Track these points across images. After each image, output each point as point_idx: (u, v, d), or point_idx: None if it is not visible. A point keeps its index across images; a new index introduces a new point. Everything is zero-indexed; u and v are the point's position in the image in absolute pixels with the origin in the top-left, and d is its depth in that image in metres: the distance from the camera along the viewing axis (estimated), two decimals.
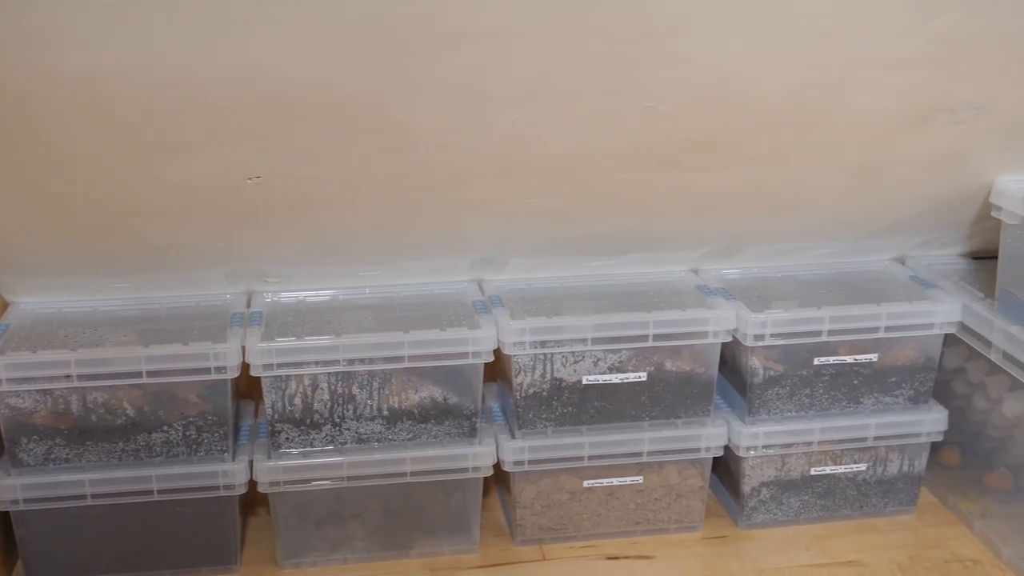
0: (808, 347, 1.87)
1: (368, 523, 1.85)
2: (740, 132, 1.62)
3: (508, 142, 1.58)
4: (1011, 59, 1.52)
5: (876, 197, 1.86)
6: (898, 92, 1.57)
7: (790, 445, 1.90)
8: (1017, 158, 1.80)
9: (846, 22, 1.41)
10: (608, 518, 1.91)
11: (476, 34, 1.35)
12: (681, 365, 1.85)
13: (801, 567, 1.85)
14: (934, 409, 1.95)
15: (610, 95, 1.50)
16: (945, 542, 1.93)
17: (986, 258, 2.09)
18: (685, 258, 2.01)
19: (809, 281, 2.03)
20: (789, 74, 1.50)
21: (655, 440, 1.86)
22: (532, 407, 1.83)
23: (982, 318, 1.86)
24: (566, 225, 1.83)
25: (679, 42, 1.41)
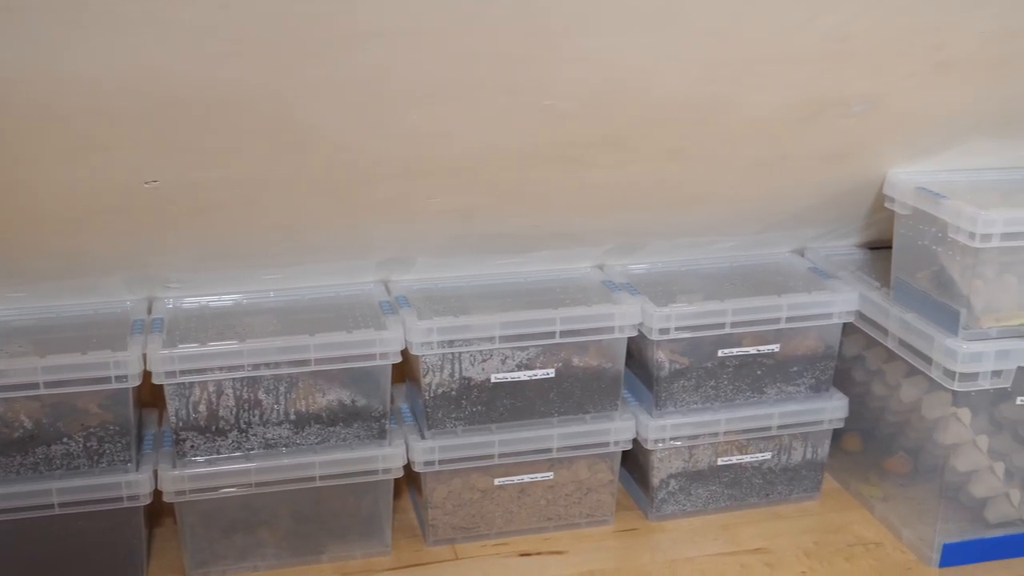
0: (712, 339, 1.90)
1: (278, 529, 1.83)
2: (639, 129, 1.64)
3: (410, 142, 1.57)
4: (900, 54, 1.57)
5: (774, 190, 1.90)
6: (792, 87, 1.60)
7: (697, 436, 1.93)
8: (908, 150, 1.85)
9: (740, 19, 1.44)
10: (520, 515, 1.92)
11: (375, 33, 1.34)
12: (588, 361, 1.87)
13: (710, 556, 1.88)
14: (835, 397, 2.00)
15: (509, 94, 1.50)
16: (848, 526, 1.98)
17: (881, 248, 2.15)
18: (590, 254, 2.02)
19: (712, 274, 2.07)
20: (685, 71, 1.52)
21: (564, 436, 1.87)
22: (441, 407, 1.83)
23: (878, 307, 1.91)
24: (470, 224, 1.83)
25: (576, 41, 1.42)
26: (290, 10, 1.28)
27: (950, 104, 1.71)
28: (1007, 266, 1.74)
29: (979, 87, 1.68)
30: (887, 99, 1.67)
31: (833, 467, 2.12)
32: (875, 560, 1.88)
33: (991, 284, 1.74)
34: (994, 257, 1.73)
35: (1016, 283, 1.75)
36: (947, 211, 1.73)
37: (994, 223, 1.68)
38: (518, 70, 1.46)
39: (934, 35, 1.53)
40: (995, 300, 1.75)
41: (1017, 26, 1.55)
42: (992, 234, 1.68)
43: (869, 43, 1.53)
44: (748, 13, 1.42)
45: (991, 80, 1.67)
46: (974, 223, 1.68)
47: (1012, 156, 1.94)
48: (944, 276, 1.79)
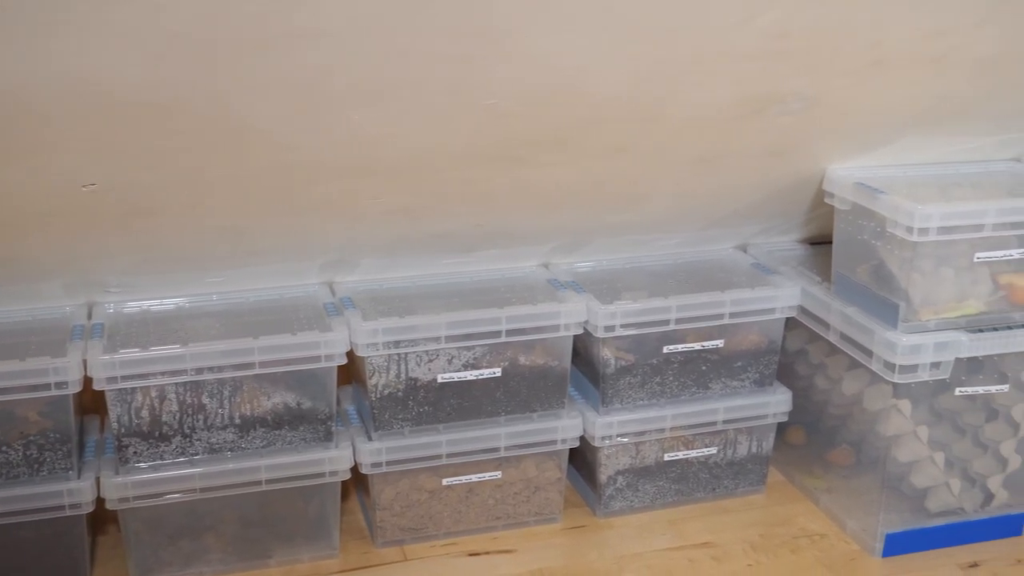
0: (657, 336, 1.91)
1: (224, 534, 1.81)
2: (581, 127, 1.64)
3: (352, 142, 1.57)
4: (836, 51, 1.59)
5: (716, 187, 1.91)
6: (731, 85, 1.61)
7: (643, 433, 1.94)
8: (847, 146, 1.88)
9: (679, 18, 1.44)
10: (468, 515, 1.92)
11: (316, 33, 1.33)
12: (535, 359, 1.87)
13: (658, 552, 1.89)
14: (779, 391, 2.02)
15: (452, 93, 1.50)
16: (793, 519, 2.00)
17: (822, 243, 2.18)
18: (535, 253, 2.03)
19: (656, 271, 2.08)
20: (626, 70, 1.53)
21: (512, 435, 1.87)
22: (388, 408, 1.82)
23: (820, 301, 1.93)
24: (414, 224, 1.82)
25: (518, 40, 1.42)
26: (228, 10, 1.27)
27: (887, 101, 1.74)
28: (944, 259, 1.77)
29: (915, 84, 1.71)
30: (825, 96, 1.69)
31: (778, 460, 2.14)
32: (820, 551, 1.90)
33: (929, 277, 1.77)
34: (931, 251, 1.76)
35: (953, 276, 1.78)
36: (885, 206, 1.76)
37: (931, 217, 1.70)
38: (460, 70, 1.46)
39: (870, 33, 1.55)
40: (933, 293, 1.78)
41: (951, 24, 1.58)
42: (929, 228, 1.71)
43: (806, 41, 1.55)
44: (687, 12, 1.43)
45: (927, 77, 1.70)
46: (911, 218, 1.71)
47: (948, 151, 1.97)
48: (883, 270, 1.81)
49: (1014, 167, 2.01)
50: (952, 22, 1.58)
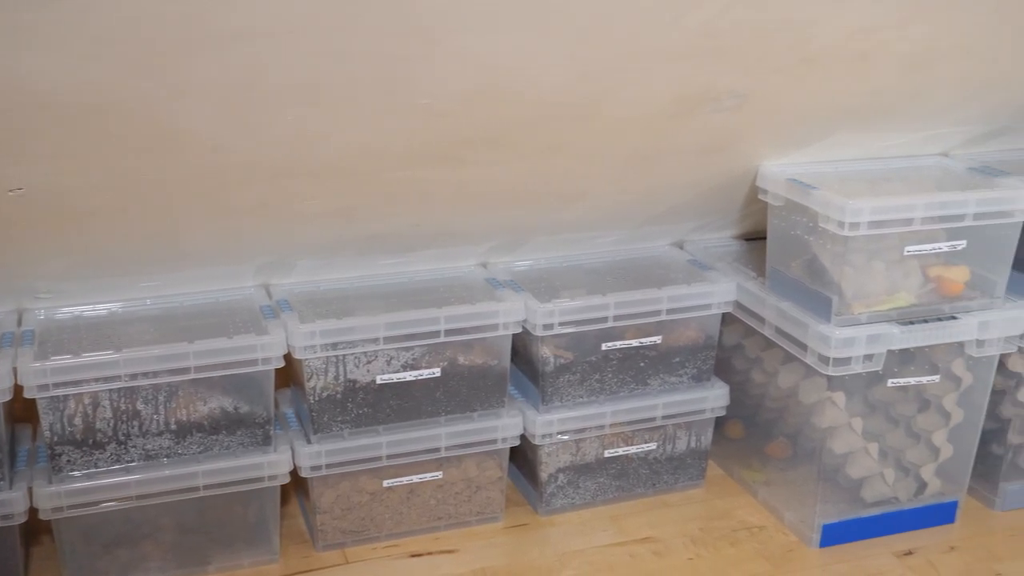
0: (596, 333, 1.92)
1: (162, 542, 1.78)
2: (517, 126, 1.64)
3: (286, 142, 1.55)
4: (766, 49, 1.60)
5: (652, 185, 1.93)
6: (665, 84, 1.62)
7: (583, 430, 1.95)
8: (779, 143, 1.90)
9: (612, 17, 1.45)
10: (410, 516, 1.91)
11: (246, 33, 1.32)
12: (474, 359, 1.87)
13: (599, 548, 1.90)
14: (716, 386, 2.04)
15: (386, 93, 1.49)
16: (733, 512, 2.02)
17: (757, 239, 2.20)
18: (473, 252, 2.03)
19: (594, 269, 2.09)
20: (560, 68, 1.53)
21: (452, 435, 1.87)
22: (327, 410, 1.81)
23: (755, 296, 1.96)
24: (351, 225, 1.81)
25: (452, 39, 1.42)
26: (158, 10, 1.25)
27: (818, 97, 1.76)
28: (874, 253, 1.80)
29: (844, 81, 1.73)
30: (758, 94, 1.71)
31: (717, 454, 2.16)
32: (759, 544, 1.92)
33: (860, 271, 1.80)
34: (862, 245, 1.78)
35: (883, 269, 1.81)
36: (817, 201, 1.78)
37: (861, 212, 1.73)
38: (394, 69, 1.45)
39: (800, 30, 1.57)
40: (864, 286, 1.81)
41: (879, 21, 1.60)
42: (860, 223, 1.73)
43: (738, 39, 1.56)
44: (619, 11, 1.44)
45: (856, 74, 1.72)
46: (842, 212, 1.73)
47: (878, 147, 2.01)
48: (816, 265, 1.84)
49: (941, 162, 2.05)
50: (879, 19, 1.60)
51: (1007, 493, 2.03)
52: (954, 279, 1.85)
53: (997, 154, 2.09)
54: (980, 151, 2.10)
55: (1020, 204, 1.82)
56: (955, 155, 2.07)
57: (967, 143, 2.07)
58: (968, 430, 1.95)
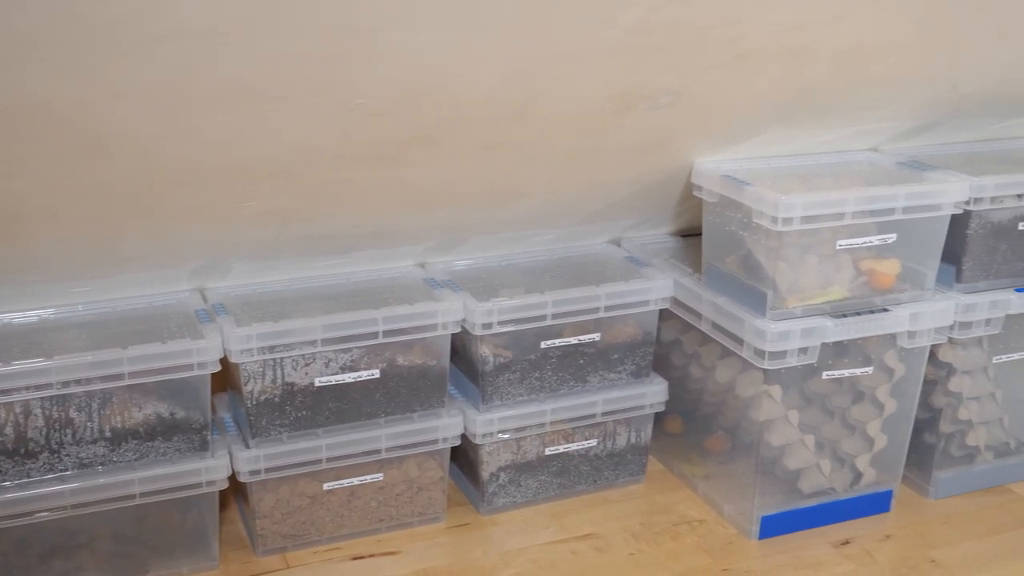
0: (535, 332, 1.92)
1: (99, 551, 1.75)
2: (452, 126, 1.64)
3: (219, 144, 1.54)
4: (700, 47, 1.62)
5: (589, 183, 1.93)
6: (600, 82, 1.63)
7: (524, 428, 1.95)
8: (713, 140, 1.92)
9: (546, 16, 1.45)
10: (351, 518, 1.90)
11: (177, 35, 1.30)
12: (413, 359, 1.86)
13: (541, 545, 1.91)
14: (655, 381, 2.05)
15: (319, 94, 1.48)
16: (673, 506, 2.04)
17: (693, 235, 2.22)
18: (411, 252, 2.02)
19: (533, 267, 2.09)
20: (495, 68, 1.53)
21: (392, 436, 1.86)
22: (265, 414, 1.79)
23: (692, 292, 1.97)
24: (287, 227, 1.80)
25: (384, 38, 1.41)
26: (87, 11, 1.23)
27: (750, 94, 1.78)
28: (808, 248, 1.83)
29: (776, 78, 1.76)
30: (691, 91, 1.72)
31: (657, 449, 2.18)
32: (699, 537, 1.94)
33: (794, 265, 1.82)
34: (796, 240, 1.81)
35: (817, 264, 1.84)
36: (750, 197, 1.80)
37: (794, 207, 1.75)
38: (326, 69, 1.44)
39: (731, 28, 1.59)
40: (798, 281, 1.83)
41: (808, 19, 1.62)
42: (793, 218, 1.76)
43: (671, 37, 1.57)
44: (553, 10, 1.44)
45: (787, 71, 1.74)
46: (776, 208, 1.75)
47: (810, 143, 2.03)
48: (751, 260, 1.86)
49: (872, 157, 2.08)
50: (809, 17, 1.62)
51: (940, 481, 2.07)
52: (885, 272, 1.88)
53: (925, 149, 2.13)
54: (909, 146, 2.14)
55: (948, 198, 1.85)
56: (885, 150, 2.11)
57: (896, 138, 2.10)
58: (901, 420, 1.98)
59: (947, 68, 1.88)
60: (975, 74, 1.92)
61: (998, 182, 1.90)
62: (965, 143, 2.18)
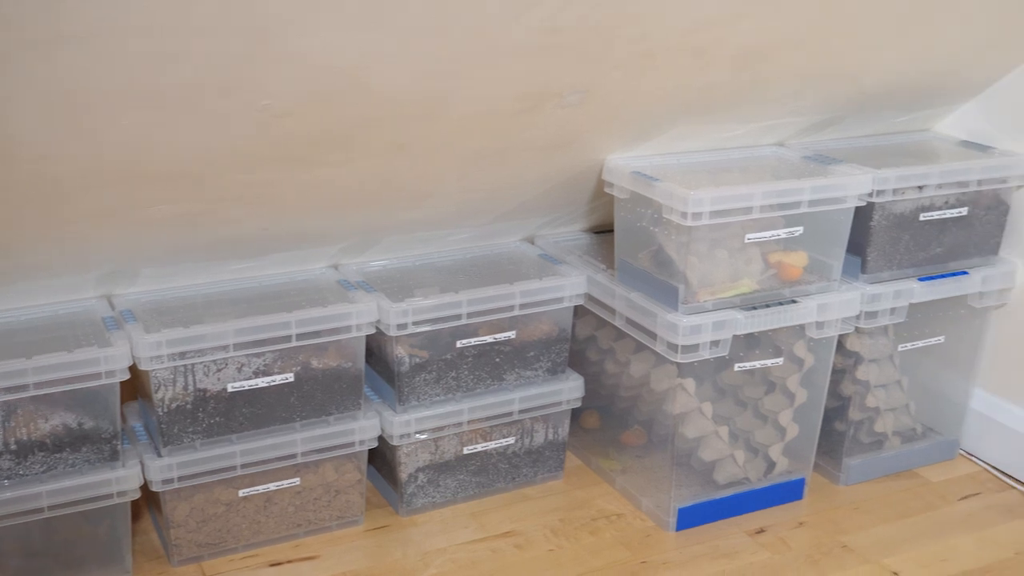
0: (450, 331, 1.92)
1: (7, 567, 1.71)
2: (362, 126, 1.63)
3: (124, 147, 1.51)
4: (605, 46, 1.63)
5: (500, 181, 1.94)
6: (507, 81, 1.63)
7: (441, 428, 1.95)
8: (623, 137, 1.94)
9: (451, 15, 1.45)
10: (268, 525, 1.88)
11: (76, 36, 1.27)
12: (328, 362, 1.85)
13: (461, 545, 1.91)
14: (571, 377, 2.06)
15: (225, 95, 1.46)
16: (592, 501, 2.05)
17: (605, 232, 2.24)
18: (324, 254, 2.00)
19: (447, 267, 2.09)
20: (402, 67, 1.53)
21: (308, 440, 1.84)
22: (176, 422, 1.76)
23: (605, 288, 1.99)
24: (196, 231, 1.77)
25: (290, 39, 1.39)
26: None
27: (656, 92, 1.80)
28: (717, 242, 1.85)
29: (682, 75, 1.78)
30: (598, 89, 1.74)
31: (574, 445, 2.19)
32: (617, 531, 1.96)
33: (704, 260, 1.85)
34: (705, 234, 1.83)
35: (726, 257, 1.87)
36: (660, 193, 1.82)
37: (703, 202, 1.77)
38: (232, 70, 1.42)
39: (636, 27, 1.60)
40: (709, 275, 1.86)
41: (711, 17, 1.64)
42: (702, 212, 1.78)
43: (578, 36, 1.58)
44: (459, 9, 1.44)
45: (692, 68, 1.77)
46: (685, 203, 1.77)
47: (718, 138, 2.06)
48: (662, 255, 1.88)
49: (778, 151, 2.12)
50: (713, 15, 1.65)
51: (850, 468, 2.12)
52: (793, 264, 1.92)
53: (830, 143, 2.18)
54: (814, 140, 2.18)
55: (851, 190, 1.90)
56: (791, 144, 2.15)
57: (801, 132, 2.14)
58: (812, 409, 2.02)
59: (848, 64, 1.92)
60: (876, 69, 1.96)
61: (899, 174, 1.95)
62: (868, 137, 2.23)
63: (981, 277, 2.07)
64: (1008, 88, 2.10)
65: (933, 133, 2.27)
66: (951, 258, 2.07)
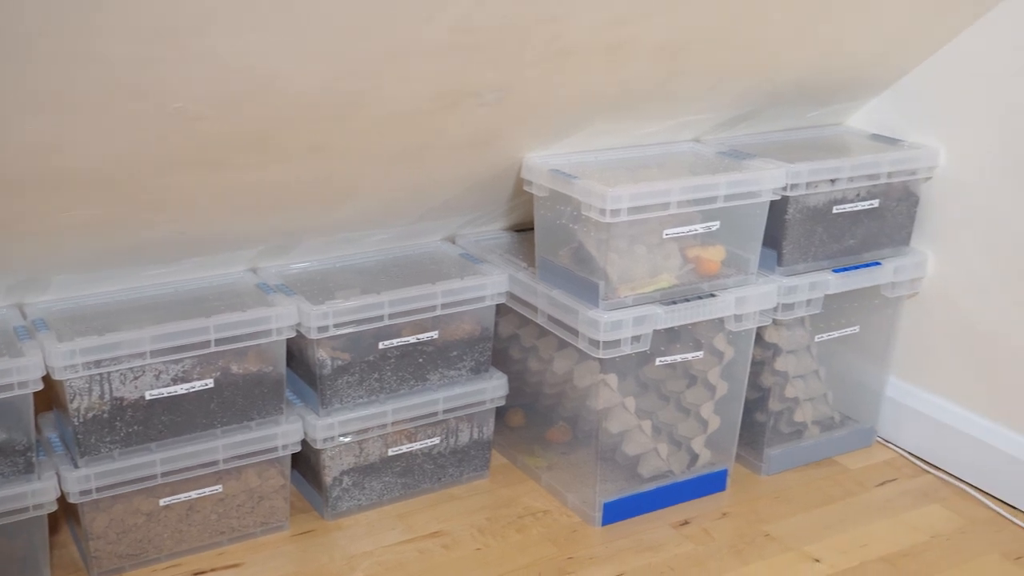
0: (372, 332, 1.91)
1: None
2: (277, 127, 1.62)
3: (34, 152, 1.47)
4: (521, 44, 1.63)
5: (420, 181, 1.93)
6: (424, 80, 1.63)
7: (366, 430, 1.94)
8: (541, 135, 1.94)
9: (367, 15, 1.44)
10: (190, 533, 1.85)
11: None
12: (248, 366, 1.83)
13: (388, 547, 1.90)
14: (495, 376, 2.07)
15: (137, 98, 1.44)
16: (518, 499, 2.06)
17: (525, 230, 2.25)
18: (242, 258, 1.98)
19: (368, 268, 2.08)
20: (319, 68, 1.51)
21: (230, 446, 1.82)
22: (93, 432, 1.73)
23: (527, 286, 1.99)
24: (111, 236, 1.74)
25: (201, 41, 1.37)
26: None
27: (573, 90, 1.81)
28: (636, 238, 1.87)
29: (598, 72, 1.79)
30: (516, 87, 1.74)
31: (500, 444, 2.20)
32: (544, 528, 1.96)
33: (624, 256, 1.86)
34: (624, 230, 1.85)
35: (645, 253, 1.88)
36: (579, 190, 1.83)
37: (621, 199, 1.79)
38: (143, 72, 1.40)
39: (551, 25, 1.61)
40: (628, 270, 1.87)
41: (625, 14, 1.66)
42: (620, 209, 1.79)
43: (493, 34, 1.58)
44: (373, 9, 1.44)
45: (608, 65, 1.78)
46: (603, 200, 1.79)
47: (635, 135, 2.08)
48: (582, 252, 1.89)
49: (694, 147, 2.14)
50: (628, 12, 1.66)
51: (771, 458, 2.15)
52: (711, 259, 1.94)
53: (744, 138, 2.21)
54: (729, 135, 2.21)
55: (766, 184, 1.93)
56: (706, 140, 2.18)
57: (716, 128, 2.17)
58: (733, 401, 2.05)
59: (760, 60, 1.95)
60: (787, 65, 2.00)
61: (812, 168, 1.98)
62: (781, 131, 2.27)
63: (893, 267, 2.12)
64: (916, 82, 2.15)
65: (845, 127, 2.32)
66: (864, 249, 2.11)
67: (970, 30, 2.02)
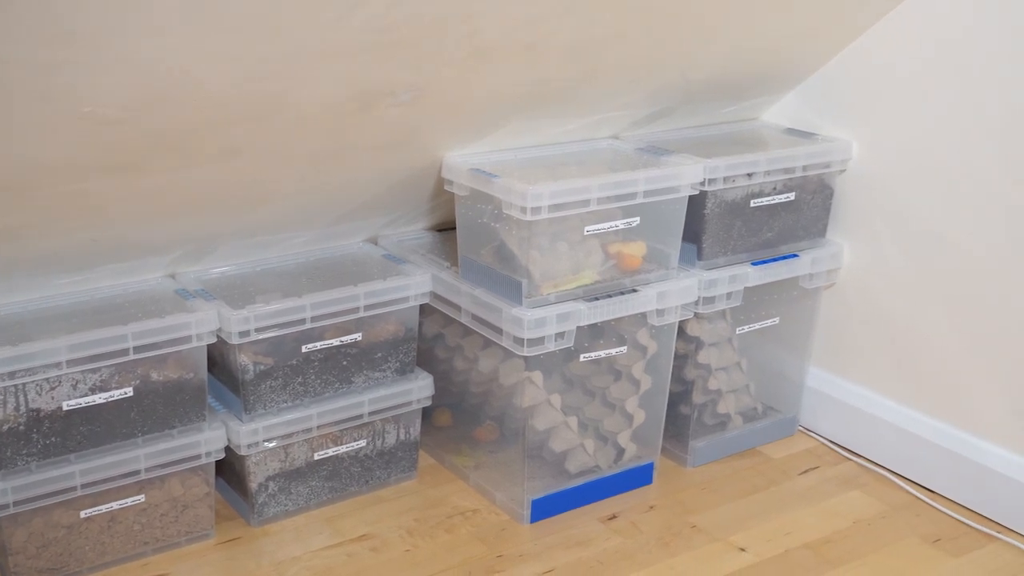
0: (295, 336, 1.90)
1: None
2: (191, 131, 1.59)
3: None
4: (436, 43, 1.63)
5: (339, 182, 1.92)
6: (339, 80, 1.62)
7: (291, 435, 1.92)
8: (459, 134, 1.94)
9: (279, 14, 1.43)
10: (113, 545, 1.82)
11: None
12: (168, 374, 1.80)
13: (316, 552, 1.88)
14: (420, 377, 2.06)
15: (43, 102, 1.41)
16: (447, 499, 2.06)
17: (447, 230, 2.25)
18: (159, 263, 1.95)
19: (289, 271, 2.06)
20: (231, 69, 1.49)
21: (151, 455, 1.79)
22: (9, 444, 1.69)
23: (450, 285, 1.99)
24: (19, 245, 1.70)
25: (109, 43, 1.35)
26: None
27: (489, 88, 1.81)
28: (558, 235, 1.88)
29: (514, 71, 1.79)
30: (432, 86, 1.74)
31: (427, 444, 2.19)
32: (473, 527, 1.96)
33: (546, 253, 1.87)
34: (545, 228, 1.85)
35: (567, 250, 1.89)
36: (499, 189, 1.84)
37: (541, 197, 1.79)
38: (49, 76, 1.37)
39: (466, 23, 1.61)
40: (551, 268, 1.88)
41: (539, 13, 1.66)
42: (541, 207, 1.80)
43: (407, 34, 1.58)
44: (285, 9, 1.42)
45: (523, 64, 1.78)
46: (524, 198, 1.79)
47: (554, 133, 2.09)
48: (505, 250, 1.90)
49: (613, 144, 2.16)
50: (542, 11, 1.66)
51: (696, 450, 2.18)
52: (632, 254, 1.96)
53: (662, 134, 2.23)
54: (647, 132, 2.23)
55: (684, 180, 1.95)
56: (625, 137, 2.20)
57: (634, 125, 2.19)
58: (657, 395, 2.07)
59: (674, 57, 1.97)
60: (701, 61, 2.02)
61: (729, 163, 2.01)
62: (698, 127, 2.30)
63: (811, 259, 2.16)
64: (828, 76, 2.19)
65: (760, 122, 2.36)
66: (782, 242, 2.14)
67: (879, 25, 2.06)
